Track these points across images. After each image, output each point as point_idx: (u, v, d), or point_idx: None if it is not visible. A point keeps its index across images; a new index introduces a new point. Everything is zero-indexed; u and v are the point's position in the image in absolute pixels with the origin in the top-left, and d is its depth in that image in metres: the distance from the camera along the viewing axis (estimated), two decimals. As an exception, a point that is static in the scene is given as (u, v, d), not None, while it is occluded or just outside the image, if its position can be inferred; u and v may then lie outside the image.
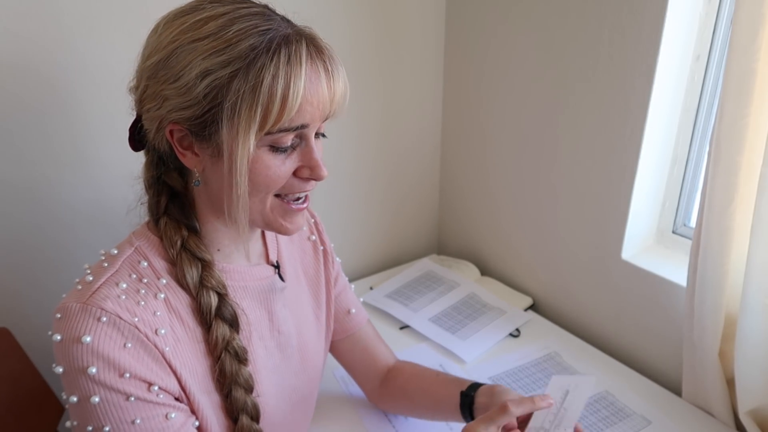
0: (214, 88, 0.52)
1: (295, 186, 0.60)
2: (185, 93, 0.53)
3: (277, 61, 0.52)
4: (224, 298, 0.62)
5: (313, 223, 0.86)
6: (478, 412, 0.76)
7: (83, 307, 0.54)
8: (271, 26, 0.54)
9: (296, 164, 0.59)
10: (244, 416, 0.64)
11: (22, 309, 0.96)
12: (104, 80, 0.93)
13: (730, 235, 0.82)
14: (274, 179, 0.58)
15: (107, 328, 0.54)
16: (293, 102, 0.53)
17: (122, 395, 0.54)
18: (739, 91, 0.76)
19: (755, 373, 0.84)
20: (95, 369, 0.53)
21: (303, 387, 0.77)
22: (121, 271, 0.59)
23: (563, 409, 0.67)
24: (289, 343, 0.74)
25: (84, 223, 0.99)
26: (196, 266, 0.61)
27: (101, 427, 0.54)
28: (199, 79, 0.52)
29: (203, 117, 0.54)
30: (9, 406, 0.82)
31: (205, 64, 0.52)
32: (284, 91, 0.52)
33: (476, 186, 1.40)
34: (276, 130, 0.54)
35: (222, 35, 0.52)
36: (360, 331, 0.90)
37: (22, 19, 0.84)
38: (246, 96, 0.52)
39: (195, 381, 0.60)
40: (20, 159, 0.90)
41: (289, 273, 0.77)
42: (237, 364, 0.63)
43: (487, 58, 1.25)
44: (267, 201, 0.60)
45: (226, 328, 0.62)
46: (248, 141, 0.53)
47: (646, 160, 1.00)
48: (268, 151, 0.56)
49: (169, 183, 0.62)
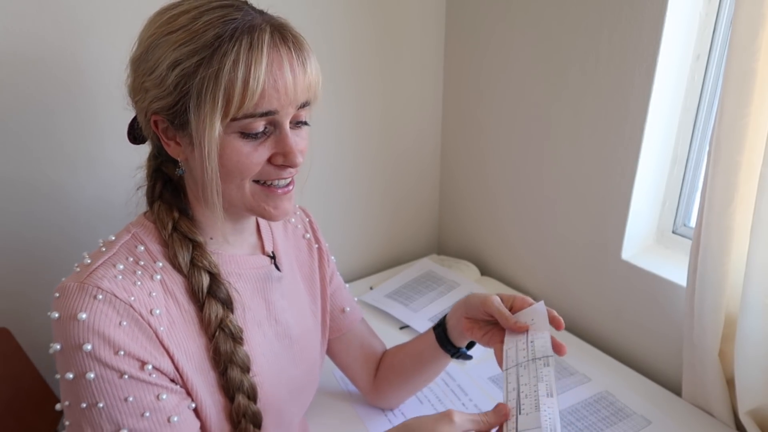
0: (183, 77, 0.55)
1: (272, 173, 0.61)
2: (159, 84, 0.56)
3: (239, 48, 0.54)
4: (216, 277, 0.63)
5: (308, 222, 0.87)
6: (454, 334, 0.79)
7: (80, 285, 0.55)
8: (238, 16, 0.55)
9: (271, 151, 0.60)
10: (241, 395, 0.64)
11: (22, 309, 0.96)
12: (110, 78, 0.93)
13: (730, 235, 0.82)
14: (246, 165, 0.59)
15: (103, 305, 0.55)
16: (254, 87, 0.54)
17: (116, 372, 0.55)
18: (739, 91, 0.76)
19: (755, 373, 0.84)
20: (90, 345, 0.54)
21: (301, 377, 0.77)
22: (118, 254, 0.60)
23: (530, 342, 0.66)
24: (288, 333, 0.74)
25: (86, 223, 0.99)
26: (187, 247, 0.62)
27: (95, 403, 0.55)
28: (170, 69, 0.55)
29: (176, 106, 0.56)
30: (9, 406, 0.82)
31: (174, 55, 0.54)
32: (245, 76, 0.54)
33: (476, 186, 1.40)
34: (241, 115, 0.56)
35: (190, 27, 0.55)
36: (354, 330, 0.90)
37: (30, 17, 0.84)
38: (209, 83, 0.54)
39: (189, 361, 0.61)
40: (21, 158, 0.90)
41: (286, 266, 0.77)
42: (232, 342, 0.63)
43: (487, 59, 1.25)
44: (245, 187, 0.61)
45: (219, 306, 0.63)
46: (214, 126, 0.55)
47: (646, 160, 1.00)
48: (239, 137, 0.58)
49: (165, 171, 0.65)
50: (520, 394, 0.61)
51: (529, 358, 0.64)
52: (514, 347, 0.67)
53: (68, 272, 1.03)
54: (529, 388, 0.61)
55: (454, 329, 0.79)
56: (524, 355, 0.65)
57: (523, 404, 0.60)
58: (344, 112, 1.27)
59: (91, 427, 0.56)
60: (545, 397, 0.59)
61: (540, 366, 0.63)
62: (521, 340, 0.67)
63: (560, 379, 1.04)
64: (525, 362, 0.64)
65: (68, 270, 0.98)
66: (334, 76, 1.21)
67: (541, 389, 0.60)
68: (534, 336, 0.67)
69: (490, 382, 1.03)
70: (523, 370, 0.63)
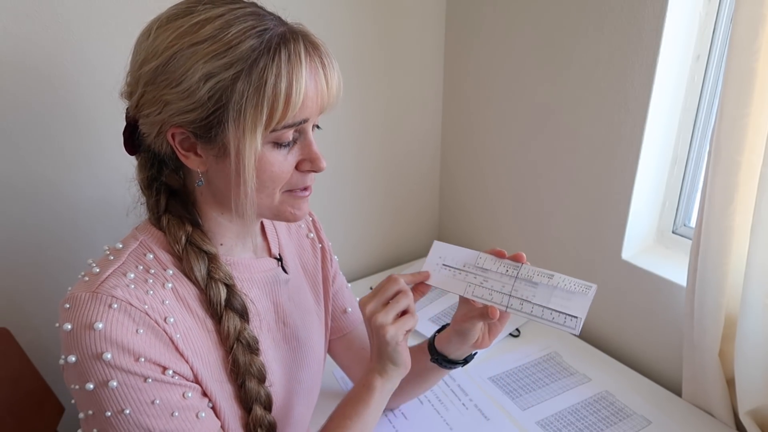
0: (218, 91, 0.53)
1: (299, 181, 0.62)
2: (188, 97, 0.54)
3: (279, 61, 0.53)
4: (233, 289, 0.63)
5: (311, 221, 0.87)
6: (440, 341, 0.80)
7: (93, 295, 0.55)
8: (267, 26, 0.55)
9: (297, 158, 0.61)
10: (258, 406, 0.64)
11: (22, 309, 0.96)
12: (107, 81, 0.93)
13: (730, 235, 0.82)
14: (279, 174, 0.59)
15: (118, 314, 0.54)
16: (297, 99, 0.54)
17: (140, 377, 0.55)
18: (739, 91, 0.76)
19: (755, 373, 0.84)
20: (110, 354, 0.53)
21: (308, 379, 0.77)
22: (127, 263, 0.59)
23: (492, 273, 0.70)
24: (295, 335, 0.74)
25: (85, 223, 0.99)
26: (203, 259, 0.62)
27: (121, 410, 0.54)
28: (202, 82, 0.53)
29: (208, 119, 0.55)
30: (9, 406, 0.82)
31: (207, 68, 0.52)
32: (288, 90, 0.54)
33: (476, 186, 1.40)
34: (281, 127, 0.56)
35: (221, 38, 0.53)
36: (356, 330, 0.90)
37: (26, 20, 0.84)
38: (251, 96, 0.53)
39: (207, 370, 0.61)
40: (21, 158, 0.90)
41: (291, 267, 0.77)
42: (249, 354, 0.63)
43: (487, 59, 1.25)
44: (275, 196, 0.61)
45: (237, 319, 0.63)
46: (255, 140, 0.55)
47: (646, 160, 1.00)
48: (272, 147, 0.58)
49: (168, 182, 0.63)
50: (538, 301, 0.67)
51: (511, 284, 0.69)
52: (488, 292, 0.70)
53: (68, 272, 1.03)
54: (538, 288, 0.67)
55: (441, 343, 0.80)
56: (506, 287, 0.69)
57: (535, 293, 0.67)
58: (344, 112, 1.26)
59: None
60: (549, 279, 0.67)
61: (525, 275, 0.68)
62: (487, 282, 0.70)
63: (560, 379, 1.04)
64: (510, 287, 0.69)
65: (68, 270, 0.98)
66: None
67: (543, 280, 0.67)
68: (486, 266, 0.71)
69: (490, 382, 1.03)
70: (519, 292, 0.68)
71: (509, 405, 0.98)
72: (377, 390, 0.68)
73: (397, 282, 0.68)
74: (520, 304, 0.68)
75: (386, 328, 0.65)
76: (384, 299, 0.67)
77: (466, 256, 0.73)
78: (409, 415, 0.95)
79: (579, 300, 0.66)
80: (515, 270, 0.70)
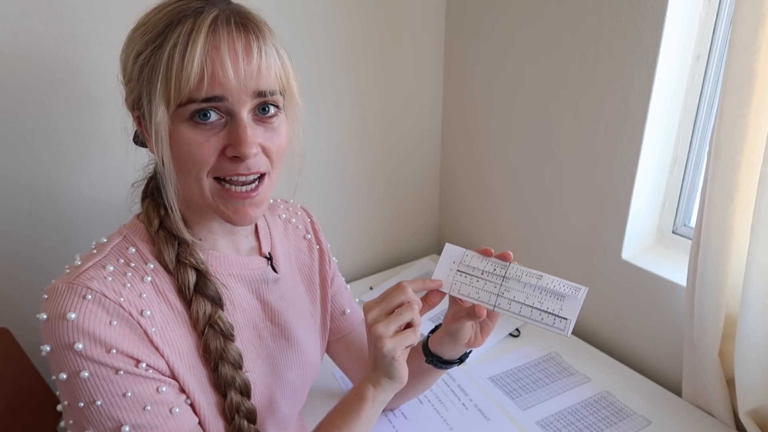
0: (142, 66, 0.56)
1: (227, 167, 0.58)
2: (128, 78, 0.59)
3: (180, 30, 0.54)
4: (204, 274, 0.63)
5: (309, 222, 0.86)
6: (433, 342, 0.80)
7: (69, 286, 0.55)
8: (195, 5, 0.56)
9: (224, 142, 0.57)
10: (233, 392, 0.64)
11: (22, 309, 0.96)
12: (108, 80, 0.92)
13: (730, 235, 0.82)
14: (197, 155, 0.57)
15: (92, 305, 0.55)
16: (189, 69, 0.53)
17: (111, 369, 0.55)
18: (739, 91, 0.76)
19: (755, 373, 0.84)
20: (81, 345, 0.53)
21: (295, 380, 0.76)
22: (109, 256, 0.60)
23: (484, 273, 0.70)
24: (285, 335, 0.74)
25: (85, 223, 0.99)
26: (173, 244, 0.62)
27: (93, 401, 0.55)
28: (133, 62, 0.57)
29: (140, 96, 0.57)
30: (9, 406, 0.82)
31: (137, 47, 0.57)
32: (180, 58, 0.53)
33: (476, 186, 1.40)
34: (185, 101, 0.55)
35: (151, 19, 0.57)
36: (354, 331, 0.90)
37: (30, 17, 0.84)
38: (157, 68, 0.54)
39: (182, 360, 0.60)
40: (21, 158, 0.90)
41: (284, 268, 0.77)
42: (222, 339, 0.63)
43: (487, 59, 1.25)
44: (203, 183, 0.59)
45: (208, 303, 0.62)
46: (159, 110, 0.55)
47: (646, 160, 1.00)
48: (190, 126, 0.56)
49: (156, 169, 0.64)
50: (527, 301, 0.66)
51: (500, 283, 0.68)
52: (475, 290, 0.70)
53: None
54: (526, 289, 0.67)
55: (435, 344, 0.80)
56: (494, 286, 0.68)
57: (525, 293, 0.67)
58: (344, 112, 1.26)
59: (92, 426, 0.55)
60: (538, 280, 0.66)
61: (513, 275, 0.68)
62: (476, 281, 0.70)
63: (560, 380, 1.04)
64: (497, 287, 0.68)
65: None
66: (334, 76, 1.21)
67: (531, 280, 0.66)
68: (473, 264, 0.70)
69: (490, 382, 1.03)
70: (508, 292, 0.68)
71: (509, 405, 0.98)
72: (369, 401, 0.65)
73: (404, 291, 0.65)
74: (508, 303, 0.67)
75: (384, 341, 0.62)
76: (388, 308, 0.64)
77: (455, 254, 0.72)
78: (409, 415, 0.95)
79: (569, 302, 0.65)
80: (503, 269, 0.68)
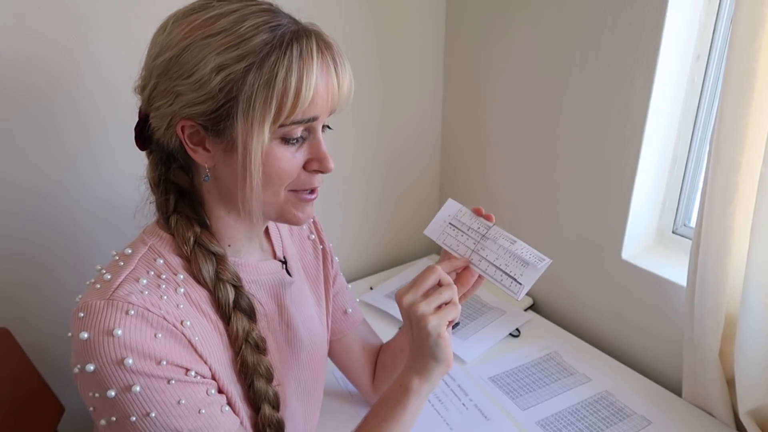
0: (229, 83, 0.54)
1: (305, 180, 0.61)
2: (199, 88, 0.54)
3: (290, 56, 0.54)
4: (240, 290, 0.63)
5: (312, 222, 0.87)
6: None
7: (108, 302, 0.54)
8: (280, 22, 0.55)
9: (305, 157, 0.60)
10: (266, 405, 0.64)
11: (22, 309, 0.96)
12: (112, 81, 0.93)
13: (730, 235, 0.82)
14: (286, 171, 0.59)
15: (136, 320, 0.54)
16: (306, 95, 0.55)
17: (163, 380, 0.55)
18: (739, 91, 0.76)
19: (755, 373, 0.84)
20: (131, 360, 0.53)
21: (308, 381, 0.77)
22: (138, 268, 0.59)
23: (466, 228, 0.74)
24: (297, 337, 0.74)
25: (86, 223, 0.99)
26: (211, 260, 0.62)
27: (147, 413, 0.54)
28: (213, 73, 0.53)
29: (218, 111, 0.55)
30: (9, 406, 0.82)
31: (219, 59, 0.53)
32: (297, 85, 0.54)
33: (476, 186, 1.40)
34: (289, 122, 0.56)
35: (234, 31, 0.53)
36: (355, 331, 0.90)
37: (31, 18, 0.84)
38: (261, 89, 0.53)
39: (223, 371, 0.61)
40: (22, 159, 0.90)
41: (294, 269, 0.77)
42: (257, 354, 0.64)
43: (487, 59, 1.25)
44: (281, 194, 0.61)
45: (245, 319, 0.63)
46: (263, 133, 0.55)
47: (646, 160, 1.00)
48: (280, 143, 0.58)
49: (176, 181, 0.63)
50: (495, 261, 0.70)
51: (478, 240, 0.72)
52: (456, 242, 0.73)
53: (68, 273, 1.03)
54: (498, 250, 0.71)
55: None
56: (473, 243, 0.72)
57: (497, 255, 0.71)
58: (344, 111, 1.26)
59: None
60: (511, 244, 0.71)
61: (491, 235, 0.71)
62: (460, 234, 0.74)
63: (560, 380, 1.04)
64: (475, 243, 0.72)
65: (68, 270, 0.98)
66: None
67: (505, 243, 0.70)
68: (463, 220, 0.74)
69: (490, 382, 1.03)
70: (482, 250, 0.71)
71: (509, 405, 0.98)
72: (414, 392, 0.65)
73: (436, 272, 0.65)
74: (479, 260, 0.71)
75: (428, 318, 0.62)
76: (423, 289, 0.64)
77: (453, 209, 0.77)
78: (409, 415, 0.95)
79: (530, 270, 0.69)
80: (486, 229, 0.72)
